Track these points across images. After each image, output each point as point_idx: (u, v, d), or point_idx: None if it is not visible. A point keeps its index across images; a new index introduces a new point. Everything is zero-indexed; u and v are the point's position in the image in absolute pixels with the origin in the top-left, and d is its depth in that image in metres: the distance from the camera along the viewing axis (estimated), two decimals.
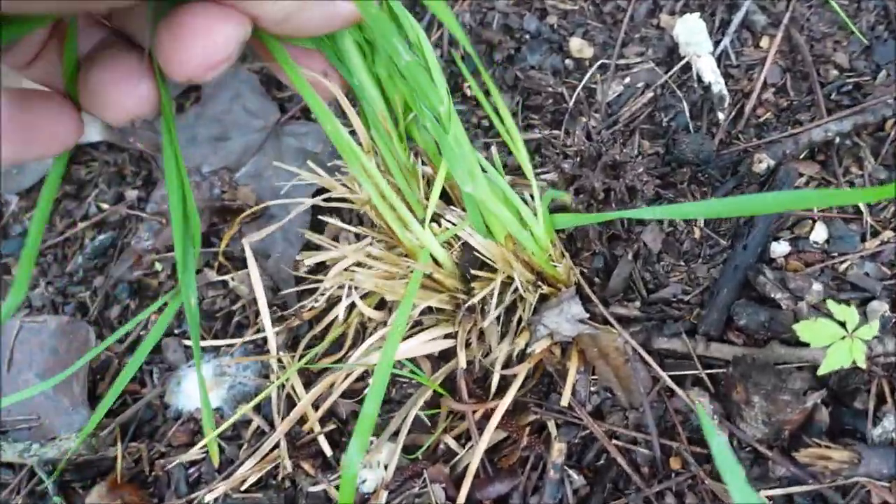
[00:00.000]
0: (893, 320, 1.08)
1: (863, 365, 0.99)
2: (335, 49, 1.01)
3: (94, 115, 0.68)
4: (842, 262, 1.16)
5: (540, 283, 1.17)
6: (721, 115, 1.30)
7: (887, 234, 1.16)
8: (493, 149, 1.08)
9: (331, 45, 1.01)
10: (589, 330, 1.12)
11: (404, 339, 1.20)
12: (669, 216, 1.07)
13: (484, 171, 1.02)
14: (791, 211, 1.21)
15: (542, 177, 1.25)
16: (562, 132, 1.35)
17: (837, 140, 1.23)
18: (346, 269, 1.27)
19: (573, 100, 1.37)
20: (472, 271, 1.16)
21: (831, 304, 1.02)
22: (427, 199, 1.21)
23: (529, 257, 1.14)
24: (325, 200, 1.27)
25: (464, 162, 0.96)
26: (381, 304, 1.27)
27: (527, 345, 1.16)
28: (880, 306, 1.10)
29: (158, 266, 1.46)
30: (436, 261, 1.18)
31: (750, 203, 0.84)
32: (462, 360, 1.19)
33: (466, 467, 1.17)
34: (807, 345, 1.07)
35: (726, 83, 1.32)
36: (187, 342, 1.37)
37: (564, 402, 1.14)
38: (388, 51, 0.94)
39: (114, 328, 1.44)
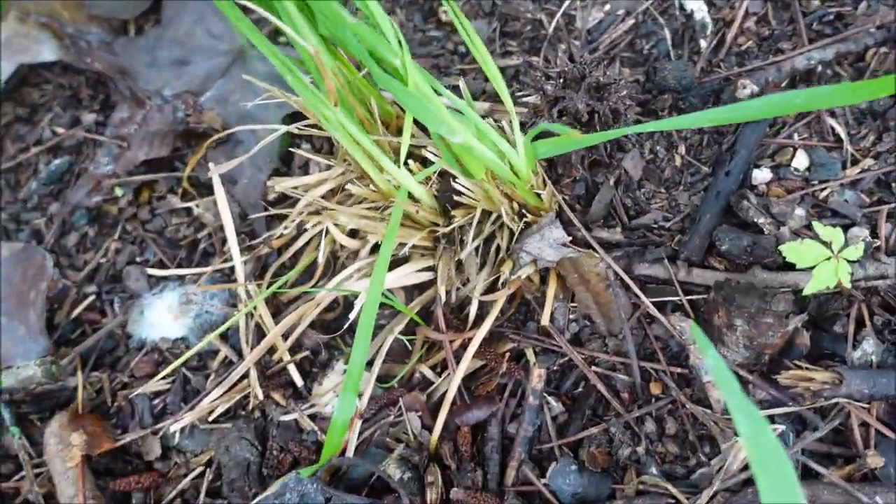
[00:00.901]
0: (874, 245, 1.08)
1: (848, 285, 0.99)
2: (279, 10, 0.97)
3: None
4: (822, 190, 1.15)
5: (524, 211, 1.15)
6: (703, 43, 1.28)
7: (867, 161, 1.16)
8: (462, 83, 1.04)
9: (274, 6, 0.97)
10: (572, 253, 1.10)
11: None
12: (667, 128, 1.05)
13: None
14: (773, 139, 1.20)
15: (523, 99, 1.22)
16: (541, 59, 1.32)
17: (819, 69, 1.22)
18: (320, 207, 1.23)
19: (552, 26, 1.34)
20: (455, 198, 1.13)
21: (817, 226, 1.02)
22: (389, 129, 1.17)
23: (511, 190, 1.11)
24: (297, 129, 1.23)
25: (435, 114, 0.92)
26: (355, 232, 1.23)
27: (510, 273, 1.14)
28: (860, 232, 1.10)
29: (119, 191, 1.40)
30: (413, 198, 1.15)
31: (745, 109, 0.82)
32: (441, 291, 1.16)
33: (443, 396, 1.15)
34: (789, 269, 1.07)
35: (708, 11, 1.30)
36: (151, 270, 1.32)
37: (545, 321, 1.12)
38: (328, 15, 0.89)
39: (71, 256, 1.38)
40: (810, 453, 1.03)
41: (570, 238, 1.11)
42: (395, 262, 1.19)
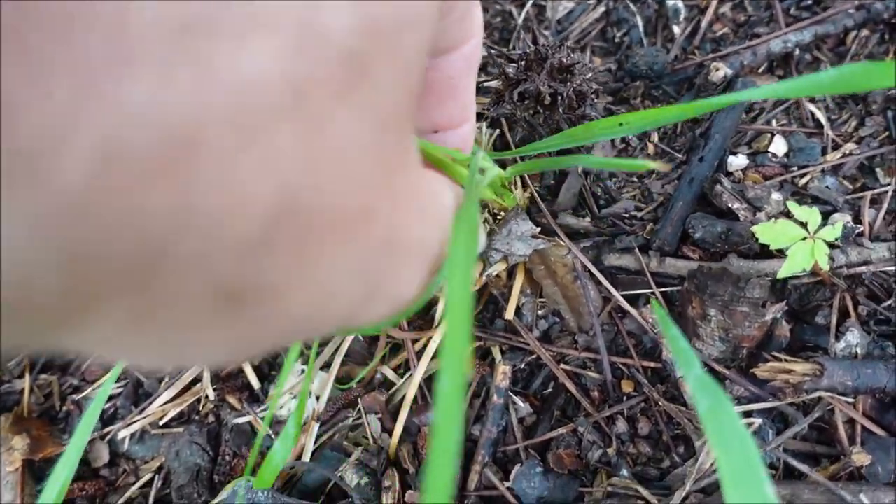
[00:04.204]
0: (857, 231, 1.02)
1: (826, 267, 0.93)
2: None
3: None
4: (802, 176, 1.09)
5: (497, 211, 1.09)
6: (676, 30, 1.23)
7: (849, 146, 1.10)
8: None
9: None
10: (543, 245, 1.04)
11: None
12: (636, 126, 0.97)
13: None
14: (751, 125, 1.14)
15: (485, 84, 1.17)
16: (509, 49, 1.27)
17: (797, 52, 1.17)
18: None
19: (522, 17, 1.30)
20: None
21: (792, 205, 0.96)
22: None
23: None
24: None
25: None
26: None
27: (480, 273, 1.08)
28: (842, 217, 1.04)
29: None
30: None
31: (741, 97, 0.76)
32: None
33: (404, 397, 1.09)
34: (767, 257, 1.01)
35: None
36: None
37: (509, 315, 1.06)
38: None
39: None
40: (793, 452, 0.96)
41: (539, 229, 1.05)
42: None
